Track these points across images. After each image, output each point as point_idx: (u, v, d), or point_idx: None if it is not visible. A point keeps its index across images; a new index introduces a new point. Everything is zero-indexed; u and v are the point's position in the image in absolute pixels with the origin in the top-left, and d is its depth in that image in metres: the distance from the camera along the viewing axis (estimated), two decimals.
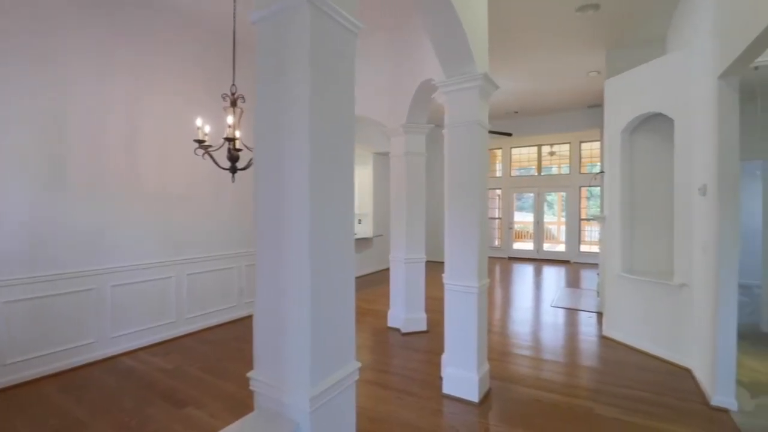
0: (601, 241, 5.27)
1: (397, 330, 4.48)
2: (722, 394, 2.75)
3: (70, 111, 3.33)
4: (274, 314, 1.41)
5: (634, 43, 4.89)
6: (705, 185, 3.04)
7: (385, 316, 4.78)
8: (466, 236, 2.84)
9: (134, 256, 3.77)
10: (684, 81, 3.46)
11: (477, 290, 2.80)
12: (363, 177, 8.81)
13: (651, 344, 3.73)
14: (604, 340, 4.14)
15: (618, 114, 4.18)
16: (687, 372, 3.32)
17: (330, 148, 1.41)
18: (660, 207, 3.95)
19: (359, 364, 1.55)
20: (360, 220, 9.07)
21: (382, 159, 8.51)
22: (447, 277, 2.95)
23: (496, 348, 3.92)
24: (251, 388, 1.46)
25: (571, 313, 5.27)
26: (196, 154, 3.14)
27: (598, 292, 5.49)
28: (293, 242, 1.35)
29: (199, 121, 3.10)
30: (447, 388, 2.96)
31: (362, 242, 8.06)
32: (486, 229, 3.01)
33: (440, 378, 3.08)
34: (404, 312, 4.41)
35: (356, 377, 1.54)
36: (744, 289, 4.49)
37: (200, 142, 3.06)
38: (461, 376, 2.88)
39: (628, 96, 4.06)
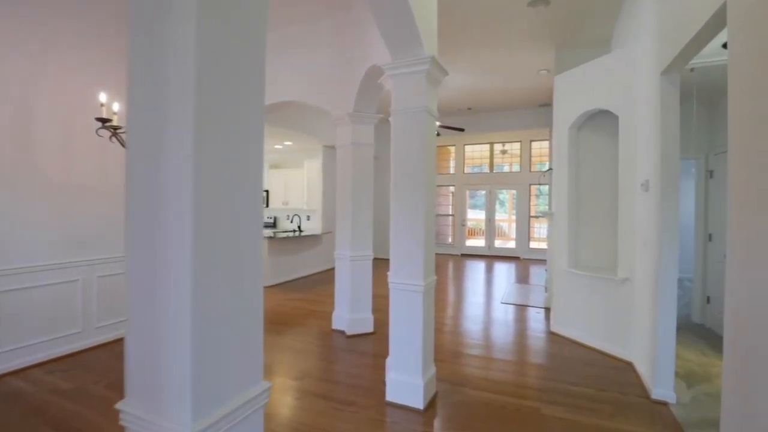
0: (549, 238, 5.32)
1: (342, 332, 4.21)
2: (662, 387, 2.76)
3: None
4: (149, 331, 1.09)
5: (582, 42, 4.96)
6: (648, 181, 3.04)
7: (330, 318, 4.48)
8: (411, 230, 2.63)
9: (28, 256, 3.15)
10: (628, 78, 3.48)
11: (422, 289, 2.59)
12: (312, 171, 8.43)
13: (595, 339, 3.75)
14: (552, 336, 4.13)
15: (566, 110, 4.18)
16: (629, 365, 3.35)
17: (228, 125, 1.11)
18: (605, 203, 3.98)
19: (268, 385, 1.26)
20: (309, 216, 8.69)
21: (332, 152, 8.17)
22: (391, 275, 2.72)
23: (445, 348, 3.77)
24: (120, 422, 1.13)
25: (520, 309, 5.28)
26: (99, 135, 2.66)
27: (546, 288, 5.55)
28: (171, 241, 1.04)
29: (102, 97, 2.63)
30: (390, 395, 2.73)
31: (311, 239, 7.69)
32: (433, 223, 2.81)
33: (385, 383, 2.85)
34: (349, 313, 4.14)
35: (264, 401, 1.25)
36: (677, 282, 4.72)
37: (104, 121, 2.60)
38: (405, 381, 2.67)
39: (575, 92, 4.06)
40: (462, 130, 6.82)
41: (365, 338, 4.05)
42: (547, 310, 5.05)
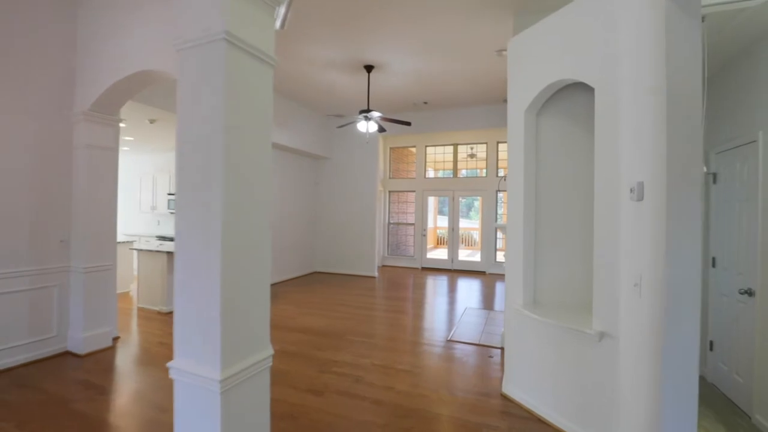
0: (505, 259, 4.15)
1: None
2: None
3: None
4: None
5: (547, 4, 3.85)
6: (641, 183, 1.88)
7: None
8: (198, 271, 1.34)
9: None
10: (609, 29, 2.33)
11: (219, 387, 1.30)
12: None
13: (559, 414, 2.55)
14: (502, 402, 2.92)
15: (522, 86, 3.03)
16: None
17: None
18: (577, 217, 2.83)
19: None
20: None
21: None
22: (174, 355, 1.42)
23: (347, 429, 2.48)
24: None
25: (470, 351, 4.06)
26: None
27: None
28: None
29: None
30: None
31: None
32: (265, 258, 1.53)
33: None
34: None
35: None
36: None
37: None
38: None
39: (535, 59, 2.91)
40: (408, 123, 5.63)
41: None
42: (504, 350, 3.86)
